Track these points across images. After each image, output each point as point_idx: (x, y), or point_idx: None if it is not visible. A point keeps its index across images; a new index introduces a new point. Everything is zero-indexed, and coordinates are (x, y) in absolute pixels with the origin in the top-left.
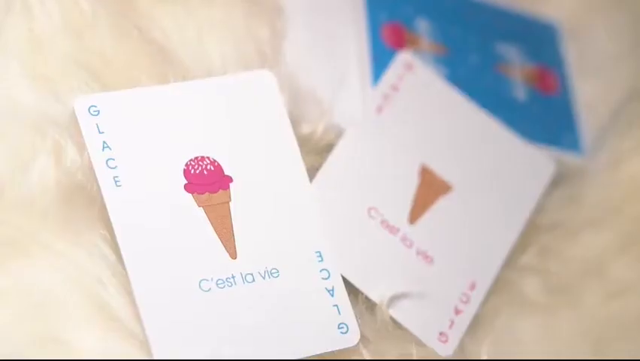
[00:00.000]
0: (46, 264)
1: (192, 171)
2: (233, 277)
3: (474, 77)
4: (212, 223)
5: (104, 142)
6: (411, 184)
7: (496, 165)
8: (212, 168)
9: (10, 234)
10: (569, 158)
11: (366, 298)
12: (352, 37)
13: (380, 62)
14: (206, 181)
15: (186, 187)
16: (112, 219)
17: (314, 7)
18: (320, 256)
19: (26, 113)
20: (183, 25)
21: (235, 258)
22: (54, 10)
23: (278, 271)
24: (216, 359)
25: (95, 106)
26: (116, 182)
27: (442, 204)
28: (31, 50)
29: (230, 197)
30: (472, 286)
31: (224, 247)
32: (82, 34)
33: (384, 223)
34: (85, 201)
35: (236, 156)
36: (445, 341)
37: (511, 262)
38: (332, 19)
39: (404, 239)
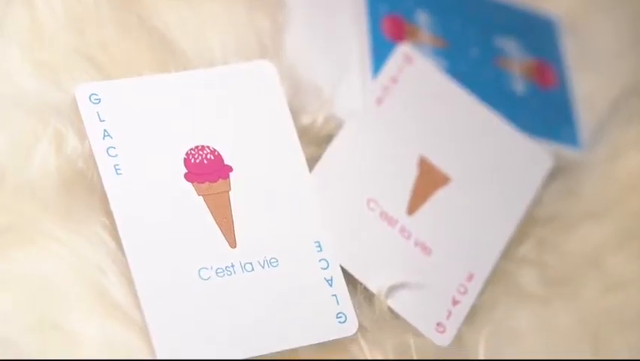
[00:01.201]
0: (47, 251)
1: (192, 160)
2: (232, 266)
3: (473, 70)
4: (211, 212)
5: (105, 130)
6: (410, 176)
7: (494, 157)
8: (212, 158)
9: (11, 220)
10: (567, 151)
11: (365, 288)
12: (352, 29)
13: (380, 54)
14: (206, 170)
15: (186, 176)
16: (112, 208)
17: None
18: (319, 246)
19: (28, 100)
20: (185, 17)
21: (235, 247)
22: (56, 0)
23: (277, 261)
24: (217, 358)
25: (96, 94)
26: (116, 170)
27: (440, 196)
28: (33, 39)
29: (229, 186)
30: (470, 278)
31: (224, 235)
32: (84, 23)
33: (383, 215)
34: (85, 189)
35: (236, 146)
36: (443, 332)
37: (508, 253)
38: (332, 10)
39: (402, 230)
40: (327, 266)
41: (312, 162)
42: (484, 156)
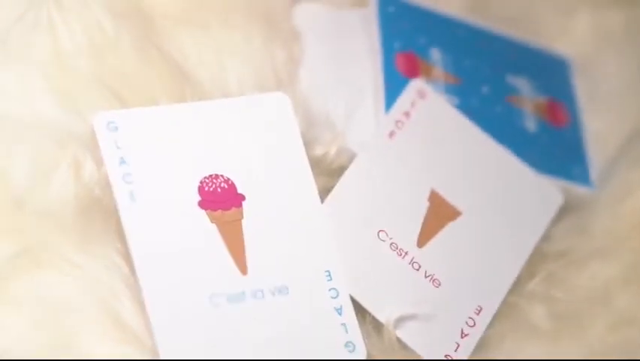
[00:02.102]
0: (62, 274)
1: (206, 189)
2: (243, 292)
3: (485, 107)
4: (224, 239)
5: (122, 157)
6: (420, 209)
7: (505, 193)
8: (226, 186)
9: (29, 244)
10: (578, 189)
11: (374, 318)
12: (366, 64)
13: (393, 89)
14: (220, 199)
15: (200, 204)
16: (126, 233)
17: (330, 34)
18: (329, 275)
19: (48, 127)
20: (202, 48)
21: (246, 274)
22: (78, 30)
23: (287, 289)
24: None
25: (114, 122)
26: (131, 196)
27: (450, 229)
28: (55, 67)
29: (242, 215)
30: (479, 311)
31: (236, 263)
32: (104, 53)
33: (394, 246)
34: (101, 214)
35: (249, 175)
36: None
37: (517, 288)
38: (346, 45)
39: (412, 262)
40: (337, 295)
41: (323, 192)
42: (494, 191)
